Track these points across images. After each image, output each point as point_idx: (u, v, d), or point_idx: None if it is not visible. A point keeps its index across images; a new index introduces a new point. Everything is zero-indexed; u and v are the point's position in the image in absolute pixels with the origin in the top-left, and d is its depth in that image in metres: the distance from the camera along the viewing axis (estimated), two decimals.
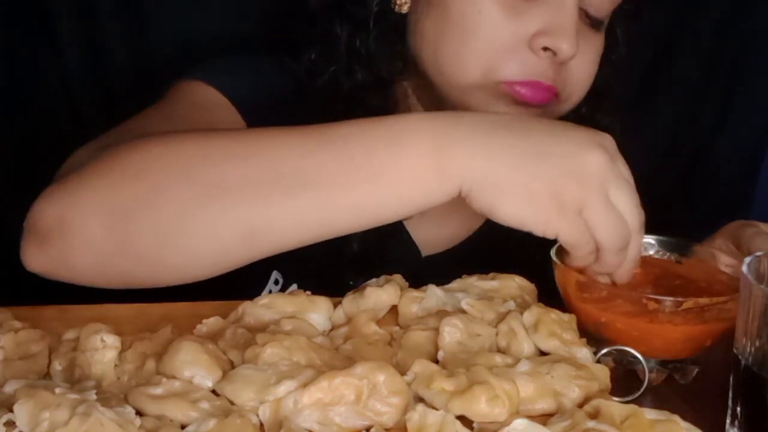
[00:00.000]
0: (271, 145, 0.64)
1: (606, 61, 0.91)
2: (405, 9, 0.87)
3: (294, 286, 0.91)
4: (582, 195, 0.60)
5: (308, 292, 0.70)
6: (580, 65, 0.84)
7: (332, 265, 0.86)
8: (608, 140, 0.63)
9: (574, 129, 0.64)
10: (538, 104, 0.82)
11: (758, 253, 0.57)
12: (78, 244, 0.65)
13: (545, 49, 0.80)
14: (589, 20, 0.84)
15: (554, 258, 0.67)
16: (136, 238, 0.64)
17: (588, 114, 0.94)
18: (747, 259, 0.55)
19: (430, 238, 0.95)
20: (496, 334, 0.65)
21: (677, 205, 1.38)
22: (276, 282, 0.92)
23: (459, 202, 0.97)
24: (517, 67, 0.80)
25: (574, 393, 0.58)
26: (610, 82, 0.97)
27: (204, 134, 0.68)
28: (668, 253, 0.73)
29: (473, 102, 0.83)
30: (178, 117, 0.83)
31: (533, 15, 0.80)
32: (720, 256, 0.71)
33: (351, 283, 0.80)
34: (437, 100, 0.88)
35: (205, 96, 0.87)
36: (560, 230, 0.61)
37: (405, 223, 0.93)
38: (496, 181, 0.61)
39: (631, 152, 0.95)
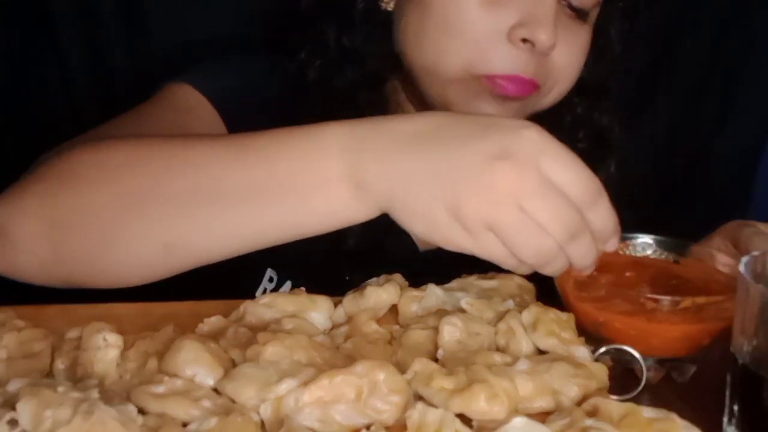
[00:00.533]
0: (193, 157, 0.64)
1: (602, 59, 0.90)
2: (391, 6, 0.87)
3: (288, 284, 0.91)
4: (486, 213, 0.56)
5: (302, 289, 0.70)
6: (563, 57, 0.83)
7: (328, 262, 0.86)
8: (523, 142, 0.57)
9: (483, 138, 0.58)
10: (518, 97, 0.81)
11: (755, 253, 0.57)
12: (19, 248, 0.66)
13: (525, 41, 0.79)
14: (572, 11, 0.83)
15: None
16: (66, 245, 0.65)
17: (585, 113, 0.93)
18: (744, 259, 0.55)
19: None
20: (495, 333, 0.65)
21: (676, 204, 1.38)
22: (270, 279, 0.92)
23: None
24: (498, 60, 0.80)
25: (572, 391, 0.58)
26: (608, 81, 0.96)
27: (134, 143, 0.68)
28: (666, 253, 0.73)
29: (454, 97, 0.83)
30: (155, 120, 0.83)
31: (511, 7, 0.79)
32: (717, 255, 0.71)
33: (347, 278, 0.79)
34: (422, 96, 0.87)
35: (185, 98, 0.86)
36: (472, 249, 0.59)
37: None
38: (402, 204, 0.59)
39: (630, 152, 0.95)
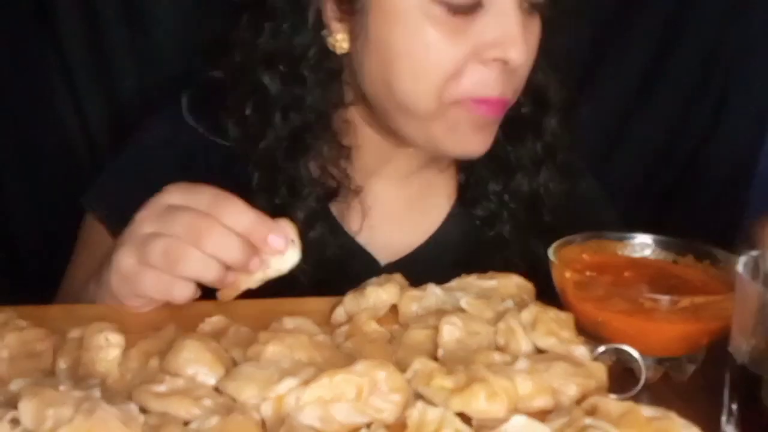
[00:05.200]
0: None
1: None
2: (345, 47, 0.84)
3: None
4: None
5: None
6: (526, 61, 0.82)
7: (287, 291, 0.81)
8: None
9: None
10: (492, 117, 0.82)
11: (754, 252, 0.57)
12: None
13: (496, 59, 0.79)
14: (528, 5, 0.81)
15: (551, 257, 0.68)
16: None
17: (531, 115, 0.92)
18: (742, 258, 0.55)
19: (386, 247, 0.94)
20: (495, 333, 0.65)
21: (673, 204, 1.38)
22: None
23: (410, 209, 0.93)
24: (469, 84, 0.79)
25: (571, 390, 0.58)
26: (553, 84, 0.93)
27: None
28: (664, 253, 0.73)
29: (436, 132, 0.82)
30: (81, 266, 0.90)
31: (476, 30, 0.78)
32: None
33: None
34: (391, 128, 0.87)
35: (91, 234, 0.91)
36: None
37: (355, 237, 0.92)
38: None
39: (628, 152, 0.95)
